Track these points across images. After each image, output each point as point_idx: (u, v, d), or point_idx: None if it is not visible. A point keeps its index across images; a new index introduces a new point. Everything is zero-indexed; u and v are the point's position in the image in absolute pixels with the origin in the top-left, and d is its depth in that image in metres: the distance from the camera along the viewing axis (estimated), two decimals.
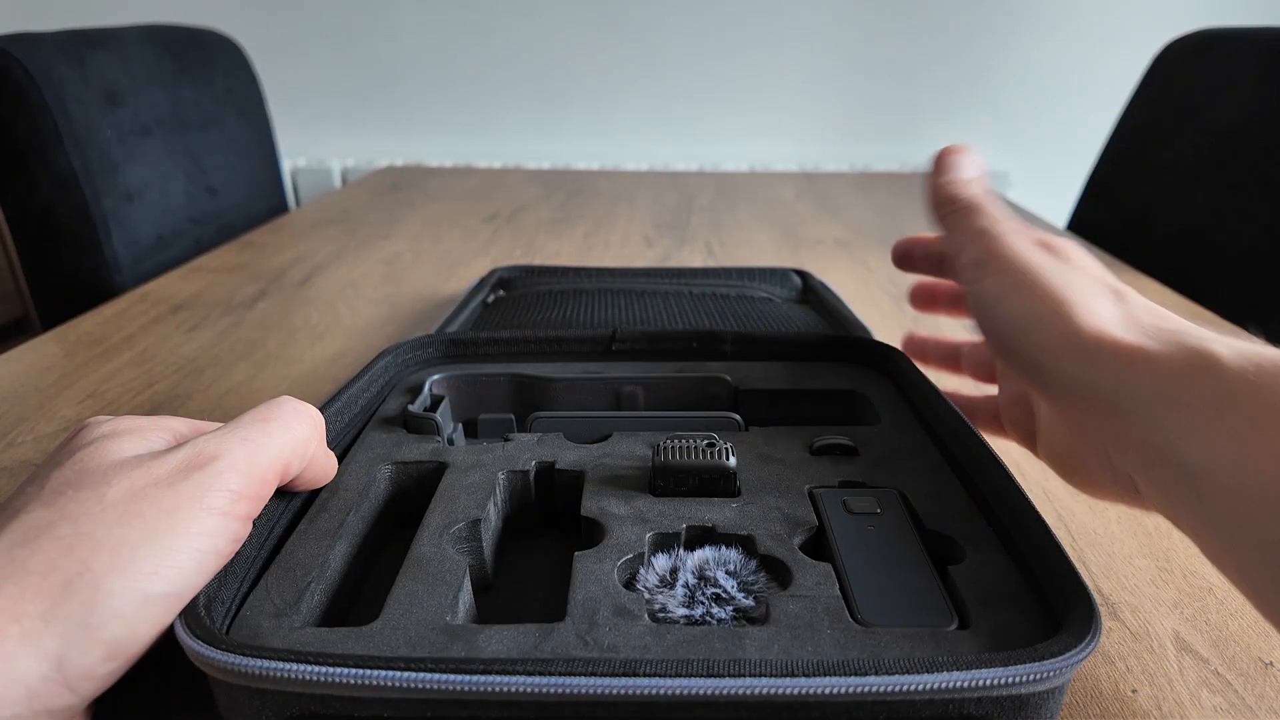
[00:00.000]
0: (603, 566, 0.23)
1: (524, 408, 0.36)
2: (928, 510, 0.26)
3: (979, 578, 0.22)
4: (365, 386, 0.33)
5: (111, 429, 0.22)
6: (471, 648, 0.20)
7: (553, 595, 0.25)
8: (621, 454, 0.30)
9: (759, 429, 0.32)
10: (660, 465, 0.27)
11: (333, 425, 0.29)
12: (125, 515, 0.19)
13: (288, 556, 0.24)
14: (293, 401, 0.25)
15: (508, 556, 0.28)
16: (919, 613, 0.21)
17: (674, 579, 0.23)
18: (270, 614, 0.21)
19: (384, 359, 0.36)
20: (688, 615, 0.22)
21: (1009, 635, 0.20)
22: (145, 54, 0.81)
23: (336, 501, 0.26)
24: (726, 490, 0.27)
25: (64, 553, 0.18)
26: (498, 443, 0.31)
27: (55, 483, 0.20)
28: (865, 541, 0.24)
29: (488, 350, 0.38)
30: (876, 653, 0.19)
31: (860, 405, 0.35)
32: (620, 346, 0.39)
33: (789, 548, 0.24)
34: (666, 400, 0.36)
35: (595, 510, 0.26)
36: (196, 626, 0.19)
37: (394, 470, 0.29)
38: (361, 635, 0.20)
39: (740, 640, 0.20)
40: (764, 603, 0.22)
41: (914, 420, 0.32)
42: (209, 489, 0.20)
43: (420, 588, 0.22)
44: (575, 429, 0.32)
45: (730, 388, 0.36)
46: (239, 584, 0.22)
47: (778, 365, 0.37)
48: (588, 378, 0.36)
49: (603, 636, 0.20)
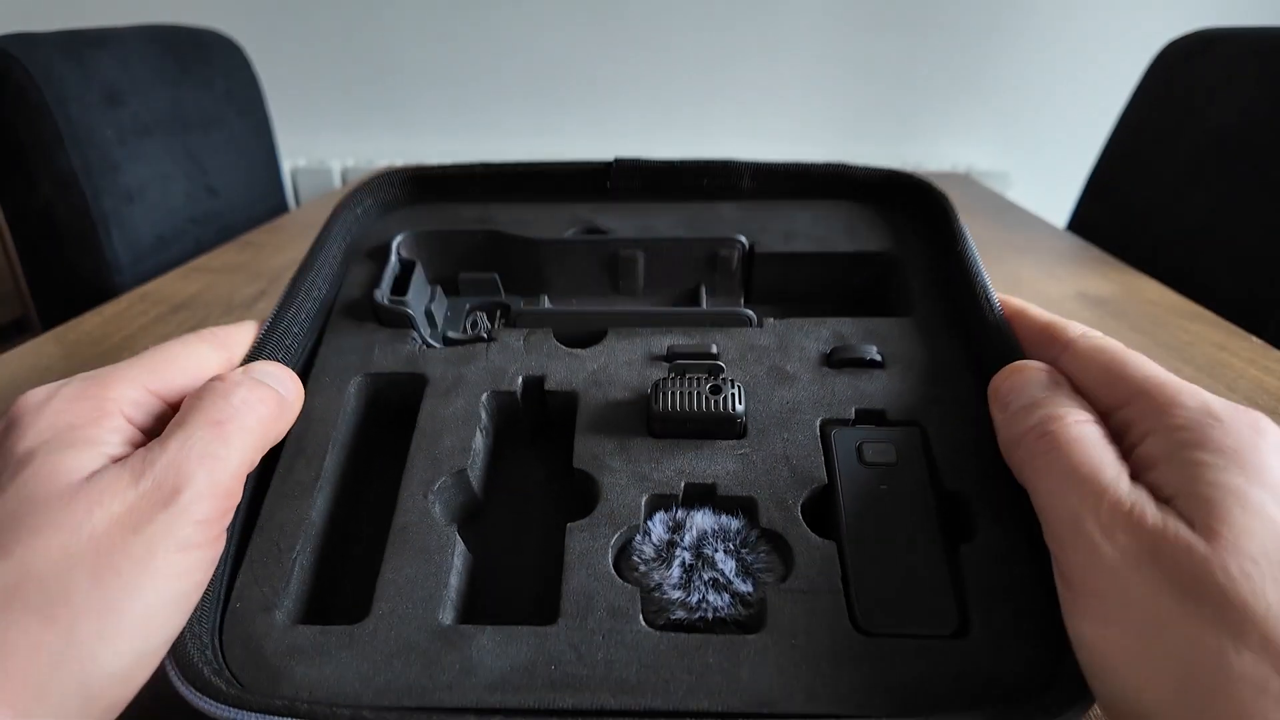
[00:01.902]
0: (596, 544, 0.22)
1: (507, 267, 0.31)
2: (948, 459, 0.24)
3: (989, 562, 0.21)
4: (323, 264, 0.28)
5: (51, 429, 0.19)
6: (464, 659, 0.20)
7: (547, 557, 0.24)
8: (618, 368, 0.26)
9: (774, 322, 0.28)
10: (660, 414, 0.24)
11: (293, 326, 0.26)
12: (99, 571, 0.17)
13: (267, 520, 0.22)
14: (244, 386, 0.22)
15: (499, 476, 0.26)
16: (920, 614, 0.21)
17: (670, 553, 0.22)
18: (260, 606, 0.21)
19: (339, 223, 0.30)
20: (683, 601, 0.21)
21: (1008, 647, 0.20)
22: (145, 54, 0.81)
23: (310, 440, 0.24)
24: (731, 433, 0.24)
25: (44, 625, 0.16)
26: (479, 345, 0.27)
27: (1, 515, 0.18)
28: (874, 510, 0.23)
29: (459, 187, 0.32)
30: (870, 682, 0.19)
31: (894, 279, 0.30)
32: (618, 184, 0.32)
33: (792, 517, 0.22)
34: (670, 267, 0.31)
35: (588, 459, 0.24)
36: (190, 673, 0.18)
37: (367, 383, 0.27)
38: (354, 639, 0.20)
39: (736, 654, 0.20)
40: (762, 594, 0.21)
41: (950, 315, 0.28)
42: (178, 525, 0.19)
43: (409, 568, 0.21)
44: (566, 325, 0.28)
45: (744, 251, 0.30)
46: (222, 567, 0.21)
47: (804, 215, 0.32)
48: (580, 241, 0.31)
49: (596, 648, 0.20)
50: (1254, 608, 0.16)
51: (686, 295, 0.32)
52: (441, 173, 0.32)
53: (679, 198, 0.32)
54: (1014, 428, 0.22)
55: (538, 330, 0.27)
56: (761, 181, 0.32)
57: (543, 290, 0.32)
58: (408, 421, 0.25)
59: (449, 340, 0.29)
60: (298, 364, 0.26)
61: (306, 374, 0.27)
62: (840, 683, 0.19)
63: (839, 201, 0.32)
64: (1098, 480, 0.19)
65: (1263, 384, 0.44)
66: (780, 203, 0.32)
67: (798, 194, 0.32)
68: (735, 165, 0.31)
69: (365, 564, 0.22)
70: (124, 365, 0.22)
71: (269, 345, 0.25)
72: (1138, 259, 0.71)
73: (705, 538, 0.22)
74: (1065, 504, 0.19)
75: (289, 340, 0.26)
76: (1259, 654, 0.15)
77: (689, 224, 0.31)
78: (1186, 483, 0.18)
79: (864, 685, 0.19)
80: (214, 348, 0.24)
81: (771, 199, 0.32)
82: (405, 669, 0.20)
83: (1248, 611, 0.16)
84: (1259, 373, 0.45)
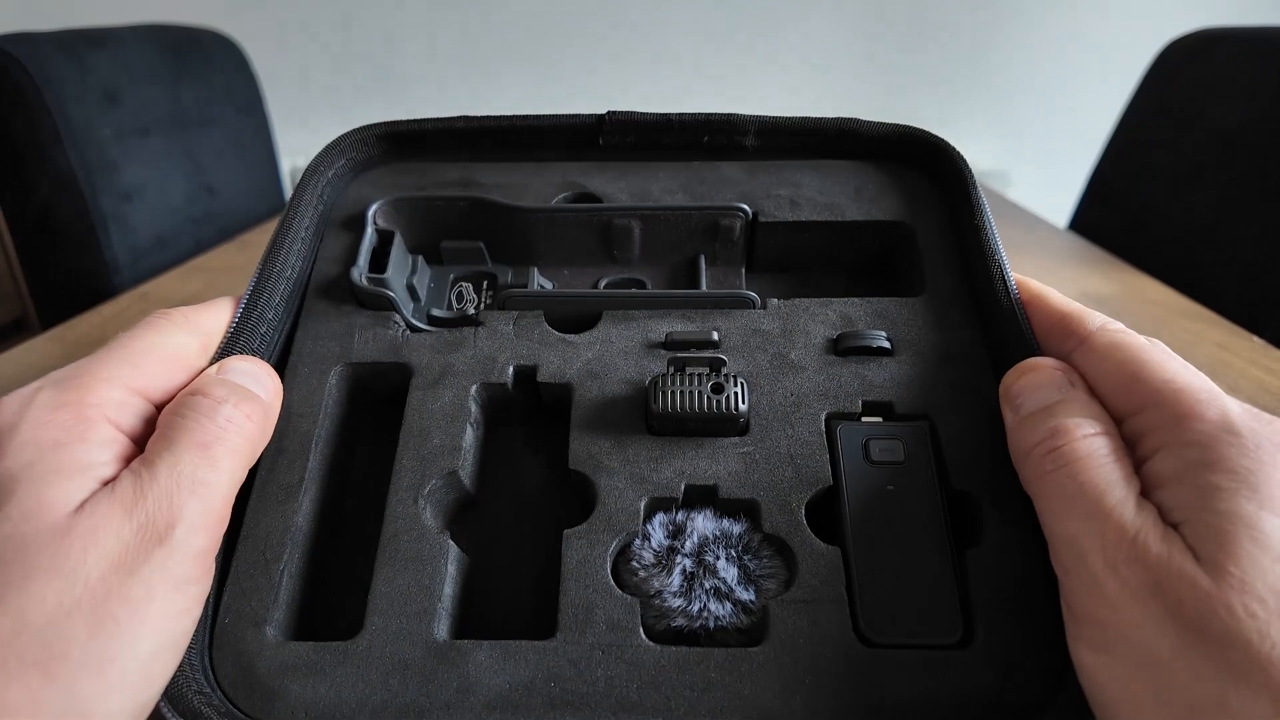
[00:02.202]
0: (594, 553, 0.21)
1: (493, 235, 0.29)
2: (958, 456, 0.23)
3: (996, 567, 0.21)
4: (294, 238, 0.26)
5: (34, 447, 0.18)
6: (462, 676, 0.19)
7: (543, 564, 0.23)
8: (614, 357, 0.25)
9: (778, 303, 0.26)
10: (659, 413, 0.23)
11: (266, 312, 0.25)
12: (97, 619, 0.16)
13: (252, 528, 0.22)
14: (228, 403, 0.21)
15: (491, 474, 0.25)
16: (925, 623, 0.20)
17: (671, 560, 0.21)
18: (250, 621, 0.20)
19: (310, 189, 0.28)
20: (684, 610, 0.21)
21: (1013, 658, 0.19)
22: (144, 53, 0.81)
23: (291, 438, 0.23)
24: (733, 431, 0.23)
25: (44, 681, 0.16)
26: (467, 330, 0.26)
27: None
28: (880, 513, 0.22)
29: (439, 144, 0.30)
30: (873, 696, 0.19)
31: (905, 250, 0.28)
32: (611, 140, 0.30)
33: (796, 521, 0.22)
34: (668, 237, 0.29)
35: (584, 459, 0.23)
36: (182, 705, 0.18)
37: (348, 373, 0.25)
38: (348, 656, 0.20)
39: (737, 669, 0.19)
40: (764, 603, 0.21)
41: (963, 295, 0.26)
42: (174, 562, 0.18)
43: (401, 580, 0.21)
44: (557, 309, 0.26)
45: (746, 220, 0.28)
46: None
47: (812, 177, 0.30)
48: (570, 210, 0.28)
49: (596, 664, 0.19)
50: (1258, 648, 0.15)
51: (685, 265, 0.30)
52: (419, 127, 0.29)
53: (677, 156, 0.30)
54: (1023, 437, 0.21)
55: (528, 314, 0.26)
56: (766, 138, 0.29)
57: (532, 260, 0.29)
58: (393, 412, 0.24)
59: (433, 319, 0.27)
60: (274, 352, 0.25)
61: (283, 363, 0.25)
62: (843, 697, 0.19)
63: (848, 162, 0.30)
64: (1102, 504, 0.18)
65: (1264, 384, 0.44)
66: (786, 162, 0.30)
67: (804, 152, 0.30)
68: (739, 120, 0.29)
69: (356, 573, 0.22)
70: (99, 361, 0.21)
71: (244, 335, 0.24)
72: (1139, 259, 0.71)
73: (707, 544, 0.22)
74: (1068, 528, 0.18)
75: (263, 328, 0.24)
76: (1259, 695, 0.15)
77: (688, 187, 0.29)
78: (1196, 508, 0.17)
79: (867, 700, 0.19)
80: (188, 333, 0.23)
81: (777, 158, 0.30)
82: (402, 688, 0.19)
83: (1251, 651, 0.15)
84: (1260, 373, 0.45)
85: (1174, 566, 0.16)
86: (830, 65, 1.48)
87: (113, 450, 0.19)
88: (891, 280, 0.30)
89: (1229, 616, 0.16)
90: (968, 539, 0.22)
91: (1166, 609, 0.16)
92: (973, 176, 0.28)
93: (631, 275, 0.30)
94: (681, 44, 1.48)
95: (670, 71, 1.51)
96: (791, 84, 1.50)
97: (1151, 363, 0.20)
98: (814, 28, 1.46)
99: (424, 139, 0.30)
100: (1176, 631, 0.16)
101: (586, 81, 1.52)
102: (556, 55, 1.50)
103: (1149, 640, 0.16)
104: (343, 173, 0.30)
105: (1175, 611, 0.16)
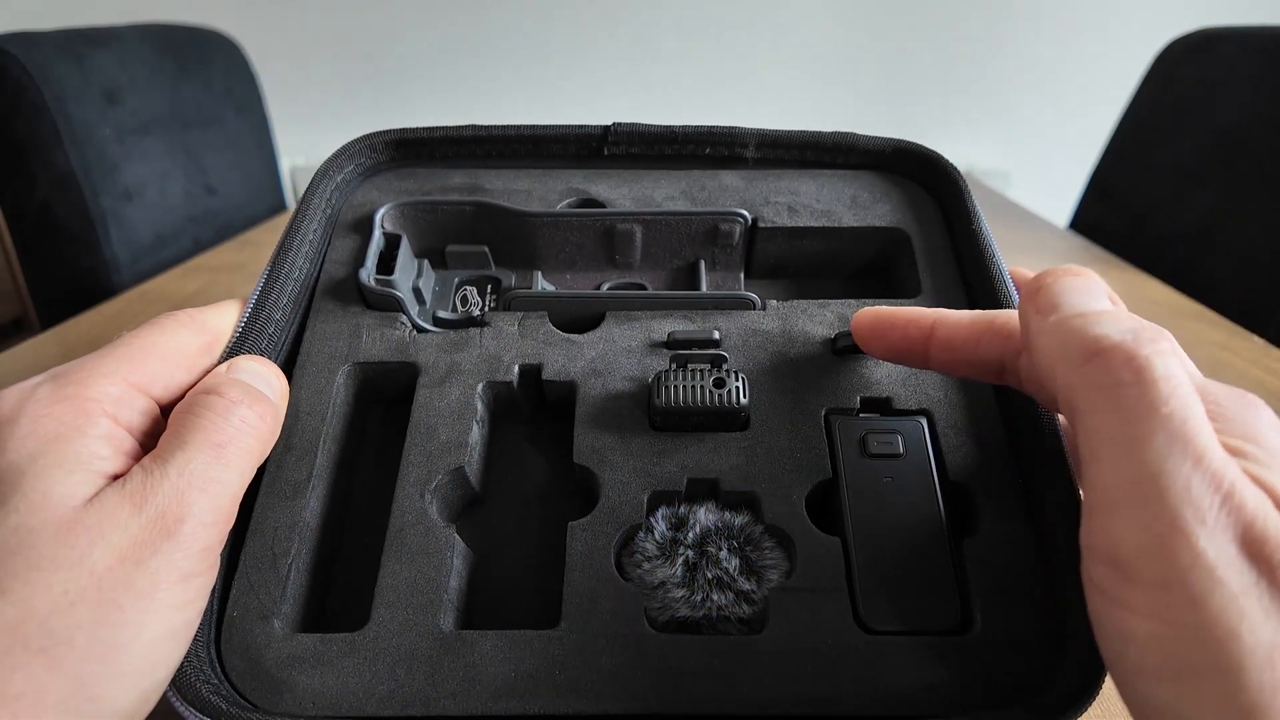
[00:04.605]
0: (598, 544, 0.22)
1: (498, 239, 0.30)
2: (954, 448, 0.23)
3: (992, 558, 0.21)
4: (303, 240, 0.27)
5: (35, 440, 0.18)
6: (468, 666, 0.19)
7: (548, 555, 0.23)
8: (617, 355, 0.26)
9: (777, 304, 0.27)
10: (661, 408, 0.23)
11: (274, 313, 0.25)
12: (102, 608, 0.17)
13: (260, 523, 0.22)
14: (243, 405, 0.21)
15: (497, 470, 0.26)
16: (924, 611, 0.21)
17: (673, 551, 0.22)
18: (257, 614, 0.21)
19: (319, 194, 0.28)
20: (687, 599, 0.21)
21: (1011, 644, 0.20)
22: (144, 53, 0.81)
23: (299, 435, 0.24)
24: (734, 425, 0.24)
25: (49, 670, 0.16)
26: (473, 331, 0.26)
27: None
28: (878, 504, 0.22)
29: (446, 151, 0.31)
30: (873, 682, 0.19)
31: (901, 256, 0.29)
32: (615, 150, 0.31)
33: (796, 513, 0.22)
34: (669, 241, 0.30)
35: (588, 453, 0.23)
36: (191, 694, 0.18)
37: (355, 371, 0.26)
38: (355, 647, 0.20)
39: (740, 657, 0.19)
40: (766, 592, 0.21)
41: (959, 296, 0.27)
42: (181, 556, 0.18)
43: (409, 572, 0.21)
44: (561, 310, 0.27)
45: (746, 225, 0.29)
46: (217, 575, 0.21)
47: (809, 185, 0.31)
48: (573, 214, 0.29)
49: (600, 653, 0.20)
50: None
51: (685, 270, 0.31)
52: (427, 135, 0.30)
53: (679, 166, 0.31)
54: (1070, 338, 0.17)
55: (533, 314, 0.27)
56: (765, 150, 0.30)
57: (535, 264, 0.30)
58: (400, 411, 0.25)
59: (439, 320, 0.28)
60: (281, 352, 0.25)
61: (291, 362, 0.26)
62: (844, 683, 0.19)
63: (846, 172, 0.31)
64: (1198, 437, 0.15)
65: (1264, 384, 0.44)
66: (785, 171, 0.31)
67: (802, 164, 0.31)
68: (739, 133, 0.30)
69: (362, 566, 0.22)
70: (99, 357, 0.20)
71: (252, 335, 0.24)
72: (1139, 258, 0.71)
73: (709, 535, 0.22)
74: (1145, 455, 0.15)
75: (271, 329, 0.25)
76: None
77: (689, 194, 0.30)
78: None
79: (867, 686, 0.19)
80: (193, 332, 0.23)
81: (776, 168, 0.31)
82: (409, 678, 0.19)
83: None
84: (1261, 372, 0.45)
85: (1273, 526, 0.14)
86: (831, 66, 1.49)
87: (112, 444, 0.19)
88: (888, 286, 0.31)
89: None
90: (964, 529, 0.22)
91: (1261, 573, 0.14)
92: (967, 187, 0.29)
93: (633, 279, 0.31)
94: (681, 41, 1.48)
95: (671, 71, 1.51)
96: (792, 86, 1.50)
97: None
98: (815, 28, 1.46)
99: (431, 146, 0.31)
100: (1274, 599, 0.13)
101: (587, 81, 1.52)
102: (556, 55, 1.50)
103: (1228, 609, 0.14)
104: (351, 177, 0.30)
105: (1271, 576, 0.14)
